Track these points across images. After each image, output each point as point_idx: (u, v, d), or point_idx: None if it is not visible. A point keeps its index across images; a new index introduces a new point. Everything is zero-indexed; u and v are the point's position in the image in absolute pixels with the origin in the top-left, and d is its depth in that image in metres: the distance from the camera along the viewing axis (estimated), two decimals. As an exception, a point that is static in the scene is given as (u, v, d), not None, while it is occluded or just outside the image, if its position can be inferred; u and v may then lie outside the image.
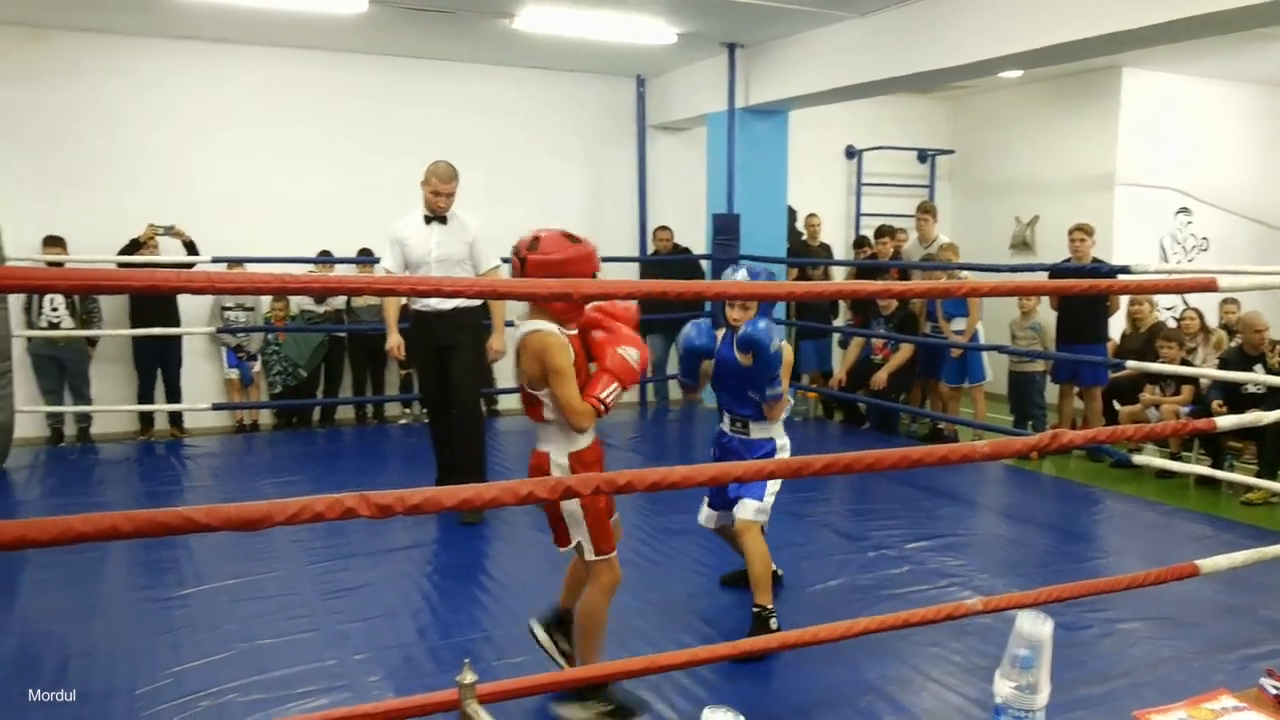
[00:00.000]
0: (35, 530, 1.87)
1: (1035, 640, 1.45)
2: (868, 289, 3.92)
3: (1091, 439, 3.17)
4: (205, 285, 1.98)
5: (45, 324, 7.08)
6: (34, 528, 1.88)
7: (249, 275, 2.10)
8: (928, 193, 10.73)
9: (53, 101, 7.58)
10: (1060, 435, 2.92)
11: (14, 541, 1.85)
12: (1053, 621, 1.53)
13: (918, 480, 6.34)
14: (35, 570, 4.54)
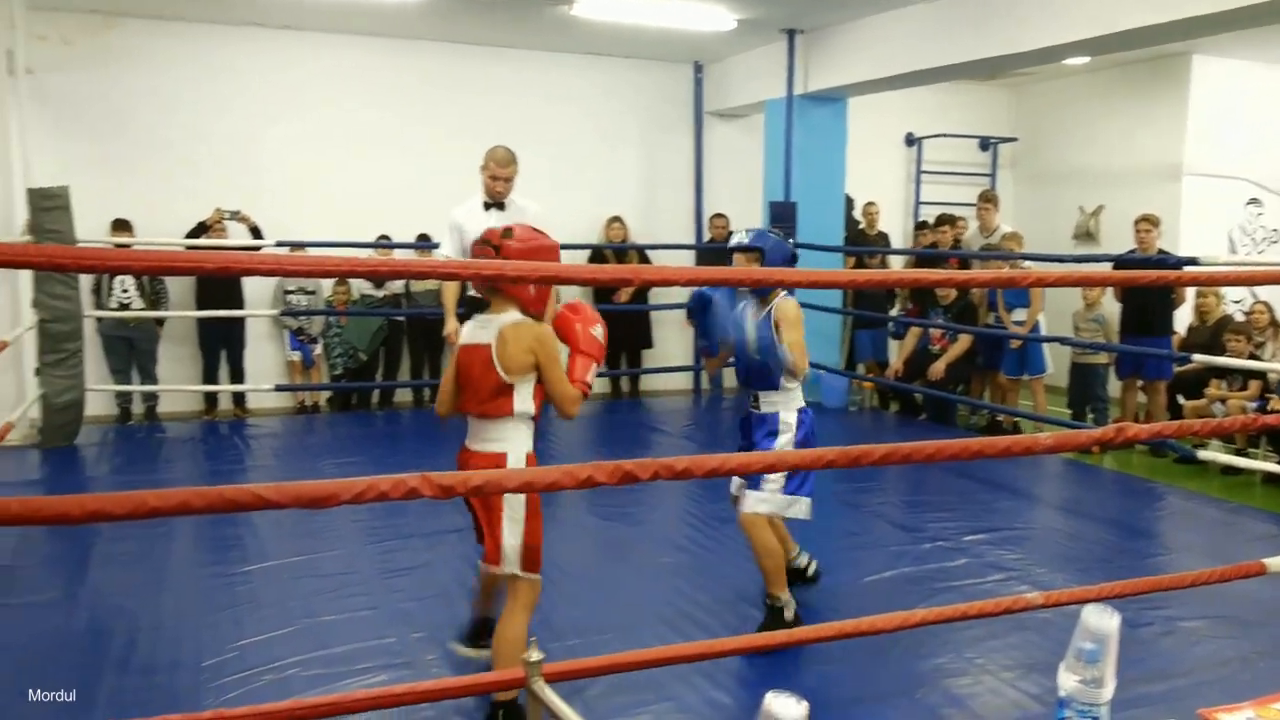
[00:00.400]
0: (112, 504, 1.93)
1: (1102, 634, 1.44)
2: (930, 278, 3.88)
3: (1157, 433, 3.11)
4: (275, 267, 2.02)
5: (115, 305, 7.26)
6: (110, 502, 1.93)
7: (316, 258, 2.13)
8: (989, 181, 10.57)
9: (123, 87, 7.75)
10: (1125, 429, 2.87)
11: (91, 515, 1.91)
12: (1119, 616, 1.51)
13: (975, 472, 6.26)
14: (105, 545, 4.66)
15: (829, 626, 2.76)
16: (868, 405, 8.66)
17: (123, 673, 3.36)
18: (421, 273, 2.47)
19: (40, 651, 3.52)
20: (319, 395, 8.32)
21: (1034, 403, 7.68)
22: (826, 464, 2.39)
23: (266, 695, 3.16)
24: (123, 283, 7.27)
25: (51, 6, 7.38)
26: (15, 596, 4.07)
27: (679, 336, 9.50)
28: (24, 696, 3.15)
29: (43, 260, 1.83)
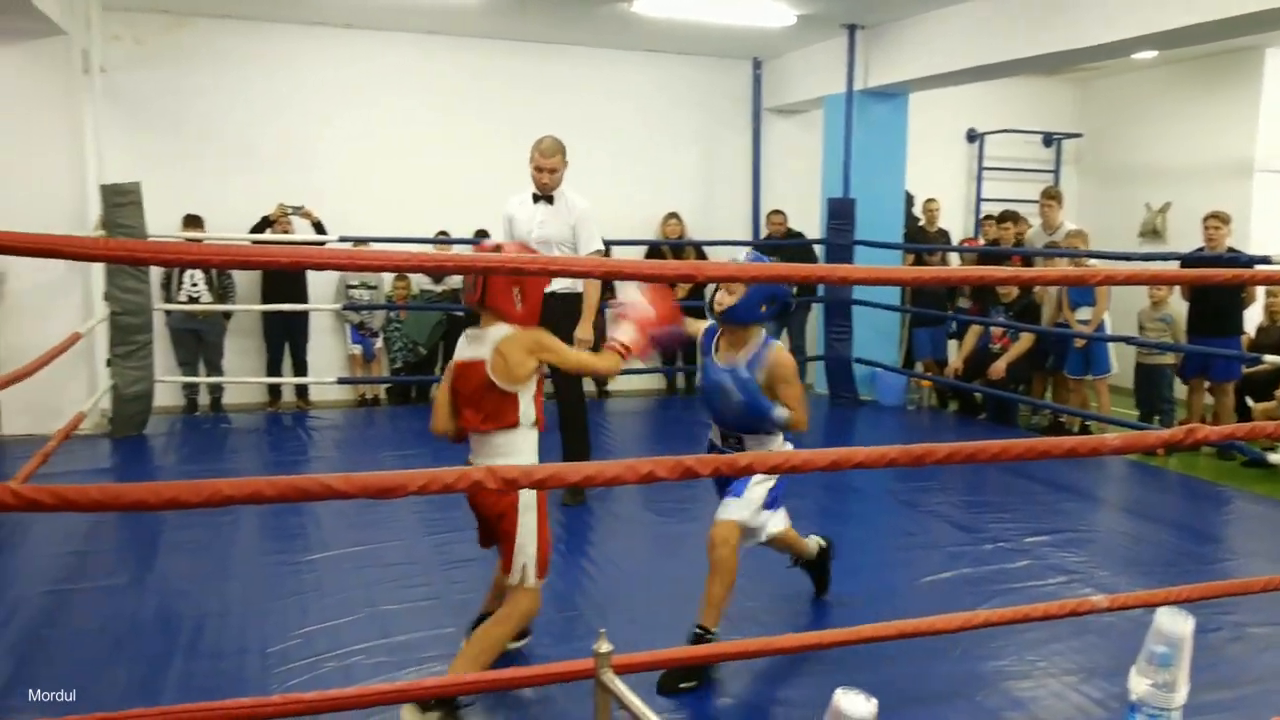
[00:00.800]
0: (187, 492, 1.98)
1: (1175, 638, 1.41)
2: (996, 275, 3.82)
3: (1229, 435, 3.05)
4: (345, 261, 2.06)
5: (184, 298, 7.43)
6: (186, 490, 1.98)
7: (384, 254, 2.18)
8: (1052, 178, 10.41)
9: (192, 85, 7.93)
10: (1196, 430, 2.81)
11: (168, 502, 1.96)
12: (1194, 619, 1.49)
13: (1036, 473, 6.18)
14: (172, 532, 4.77)
15: (890, 626, 2.75)
16: (926, 404, 8.58)
17: (191, 657, 3.44)
18: (485, 268, 2.50)
19: (113, 635, 3.62)
20: (379, 388, 8.44)
21: (1098, 403, 7.54)
22: (889, 462, 2.38)
23: (331, 681, 3.23)
24: (192, 277, 7.43)
25: (124, 6, 7.57)
26: (89, 581, 4.19)
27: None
28: (102, 677, 3.25)
29: (122, 254, 1.88)
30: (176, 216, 7.55)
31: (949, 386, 8.34)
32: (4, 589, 4.04)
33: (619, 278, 2.37)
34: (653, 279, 2.96)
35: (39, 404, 6.31)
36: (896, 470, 5.85)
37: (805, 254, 8.90)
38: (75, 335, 5.71)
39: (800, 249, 8.88)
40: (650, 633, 3.57)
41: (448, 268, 2.23)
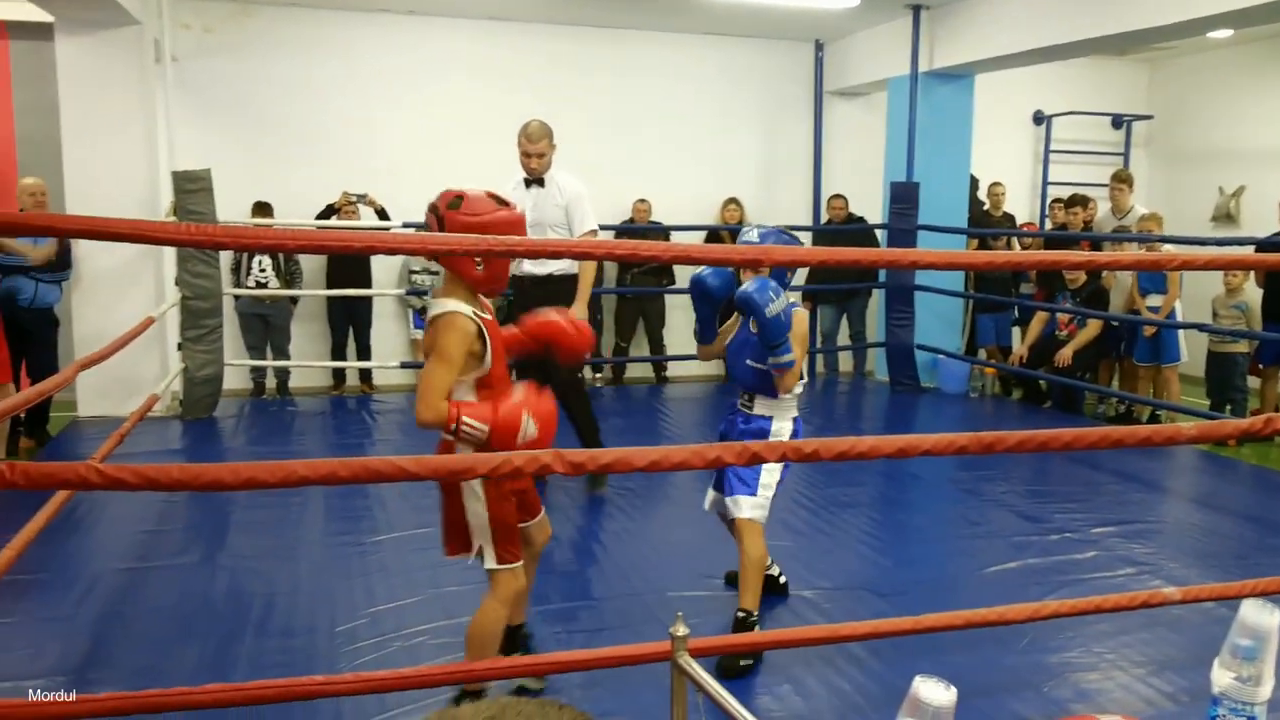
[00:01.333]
0: (264, 473, 2.02)
1: (1261, 630, 1.38)
2: (1070, 260, 3.75)
3: (1309, 425, 2.96)
4: (418, 246, 2.08)
5: (253, 284, 7.56)
6: (263, 470, 2.02)
7: (453, 237, 2.18)
8: (1122, 160, 10.18)
9: (259, 73, 8.05)
10: (1275, 420, 2.74)
11: (246, 482, 2.00)
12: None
13: (1103, 463, 6.06)
14: (241, 513, 4.88)
15: (958, 615, 2.72)
16: (989, 391, 8.45)
17: (262, 634, 3.52)
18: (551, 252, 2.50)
19: (186, 612, 3.71)
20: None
21: (1167, 392, 7.38)
22: (958, 450, 2.35)
23: (398, 661, 3.28)
24: (260, 263, 7.56)
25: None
26: (162, 559, 4.30)
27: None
28: (176, 653, 3.33)
29: (203, 239, 1.92)
30: (244, 203, 7.68)
31: (1013, 374, 8.22)
32: (82, 566, 4.16)
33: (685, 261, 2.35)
34: (721, 262, 2.94)
35: (113, 386, 6.48)
36: (959, 458, 5.78)
37: (866, 239, 8.82)
38: (149, 319, 5.85)
39: (861, 234, 8.80)
40: (718, 619, 3.59)
41: (519, 251, 2.24)
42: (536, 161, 5.03)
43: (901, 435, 2.37)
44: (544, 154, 5.03)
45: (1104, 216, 8.14)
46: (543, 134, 5.02)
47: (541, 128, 5.04)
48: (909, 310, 8.37)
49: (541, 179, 5.08)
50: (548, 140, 5.04)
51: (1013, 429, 2.44)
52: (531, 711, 1.09)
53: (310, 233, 1.91)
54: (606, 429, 5.82)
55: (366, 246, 2.00)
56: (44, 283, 6.34)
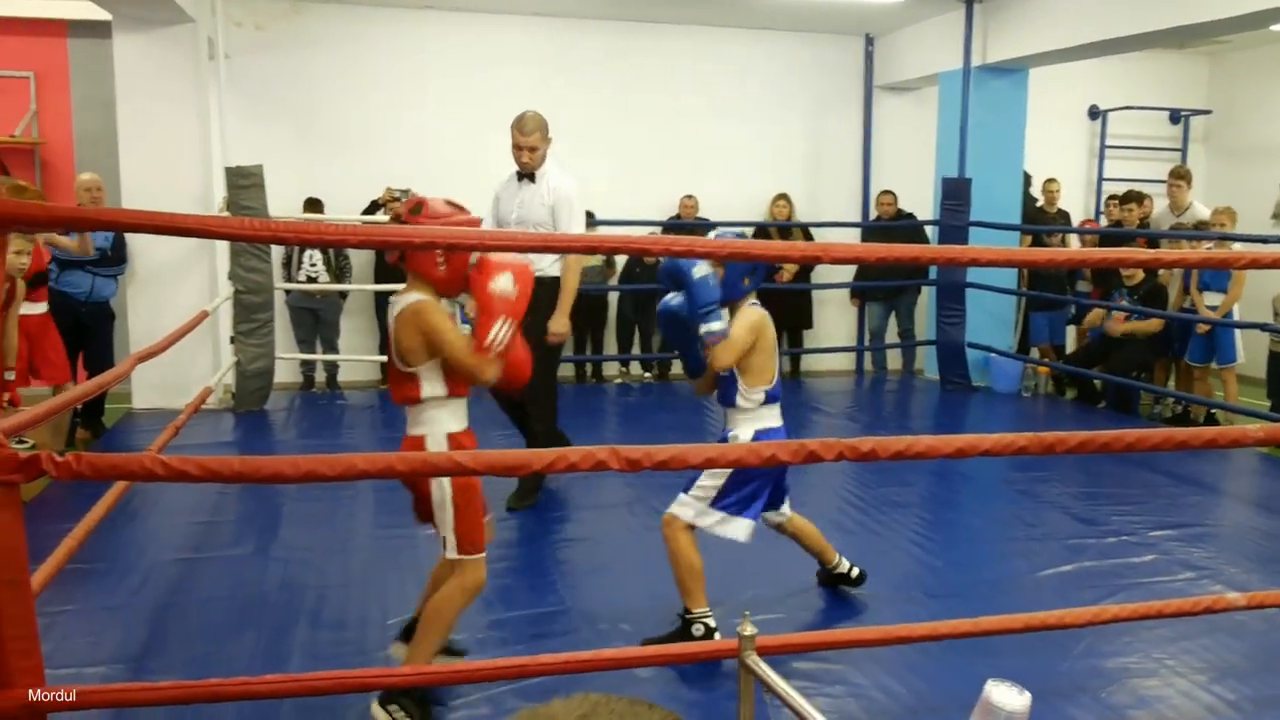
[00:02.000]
0: (324, 466, 2.03)
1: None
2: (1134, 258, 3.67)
3: (1383, 428, 2.87)
4: (476, 242, 2.08)
5: (304, 278, 7.64)
6: (322, 463, 2.03)
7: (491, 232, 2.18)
8: (1179, 156, 9.98)
9: (309, 70, 8.13)
10: (1349, 422, 2.66)
11: (306, 475, 2.01)
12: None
13: (1159, 464, 5.94)
14: (293, 505, 4.93)
15: (1017, 618, 2.67)
16: (1042, 391, 8.32)
17: (315, 626, 3.55)
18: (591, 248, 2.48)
19: (240, 602, 3.75)
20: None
21: (1225, 393, 7.21)
22: (1018, 450, 2.30)
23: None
24: (311, 257, 7.63)
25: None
26: (216, 550, 4.35)
27: (840, 317, 9.37)
28: (231, 643, 3.37)
29: (266, 234, 1.93)
30: (294, 198, 7.77)
31: (1067, 373, 8.09)
32: (138, 556, 4.22)
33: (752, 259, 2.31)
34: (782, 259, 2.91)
35: (167, 379, 6.58)
36: (1012, 459, 5.70)
37: (915, 235, 8.72)
38: (203, 313, 5.93)
39: (910, 230, 8.70)
40: (772, 617, 3.56)
41: (557, 247, 2.23)
42: (528, 155, 4.81)
43: (959, 435, 2.33)
44: (536, 148, 4.80)
45: (1161, 213, 7.98)
46: (536, 126, 4.81)
47: (536, 119, 4.83)
48: (960, 308, 8.26)
49: (533, 175, 4.87)
50: (541, 134, 4.82)
51: (1067, 429, 2.39)
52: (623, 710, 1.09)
53: (368, 229, 1.92)
54: (652, 424, 5.82)
55: (427, 242, 2.00)
56: (100, 277, 6.44)
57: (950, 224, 8.06)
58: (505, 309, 2.72)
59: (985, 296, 8.29)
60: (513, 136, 4.81)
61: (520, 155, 4.82)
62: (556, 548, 4.45)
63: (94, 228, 2.02)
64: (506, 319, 2.73)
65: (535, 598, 3.85)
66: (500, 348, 2.72)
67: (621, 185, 8.68)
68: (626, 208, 8.44)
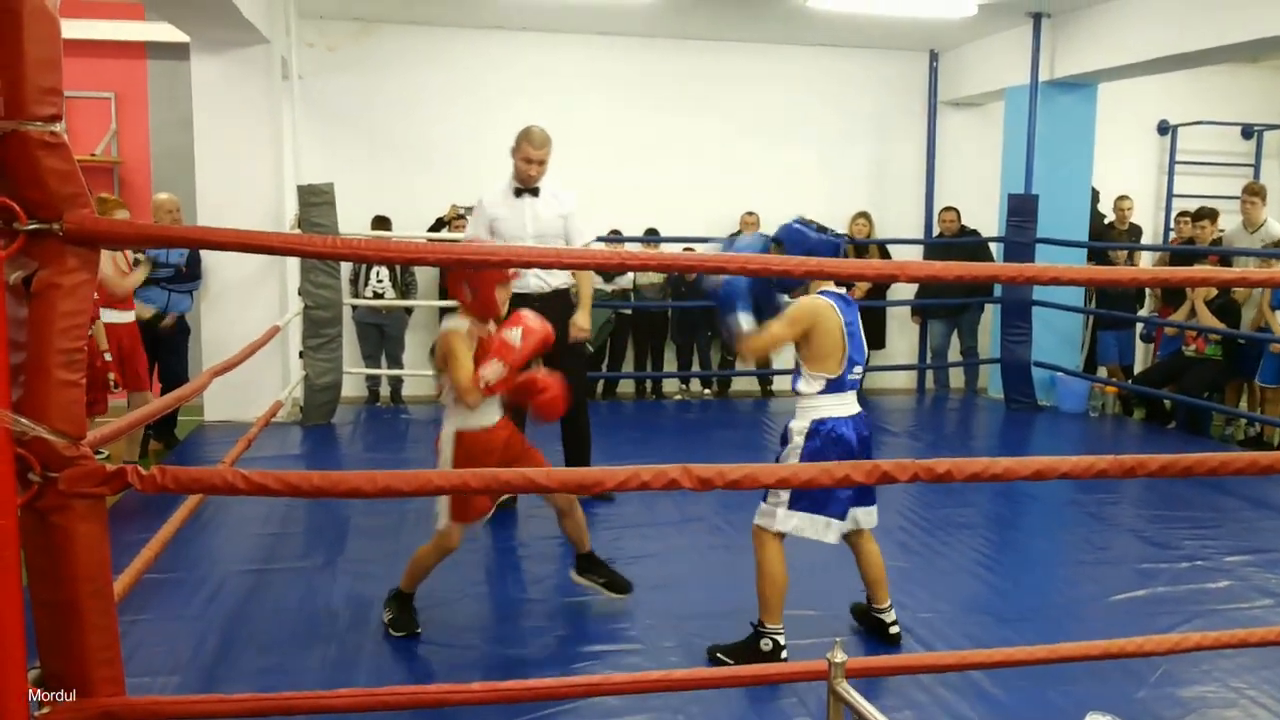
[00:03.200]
0: (399, 481, 2.06)
1: None
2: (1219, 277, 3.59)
3: None
4: (535, 259, 2.10)
5: (370, 294, 7.76)
6: (398, 479, 2.06)
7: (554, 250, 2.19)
8: (1251, 172, 9.76)
9: (379, 89, 8.29)
10: None
11: (383, 490, 2.04)
12: None
13: (1235, 488, 5.79)
14: (360, 518, 4.99)
15: (1093, 645, 2.61)
16: (1110, 411, 8.16)
17: (384, 639, 3.59)
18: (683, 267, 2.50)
19: (309, 615, 3.81)
20: (547, 383, 8.61)
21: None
22: (1098, 474, 2.27)
23: (518, 671, 3.30)
24: (378, 273, 7.76)
25: (318, 14, 7.98)
26: (285, 562, 4.42)
27: (903, 333, 9.29)
28: (300, 655, 3.42)
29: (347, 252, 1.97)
30: (363, 215, 7.91)
31: (1136, 393, 7.92)
32: (211, 567, 4.30)
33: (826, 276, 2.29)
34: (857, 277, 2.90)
35: (238, 392, 6.69)
36: (1079, 481, 5.59)
37: (978, 252, 8.61)
38: (274, 328, 6.05)
39: (972, 247, 8.60)
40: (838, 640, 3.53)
41: (633, 265, 2.24)
42: (538, 170, 4.86)
43: (1037, 457, 2.30)
44: (545, 161, 4.88)
45: (1235, 230, 7.80)
46: (547, 140, 4.87)
47: (545, 135, 4.87)
48: (1026, 326, 8.13)
49: (536, 189, 4.91)
50: (549, 148, 4.90)
51: (1136, 450, 2.34)
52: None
53: (436, 246, 1.95)
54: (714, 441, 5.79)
55: (503, 260, 2.03)
56: (176, 293, 6.61)
57: (1016, 240, 7.95)
58: (504, 355, 3.27)
59: (1052, 314, 8.16)
60: (524, 151, 4.82)
61: (530, 169, 4.84)
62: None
63: (179, 245, 2.08)
64: (503, 364, 3.27)
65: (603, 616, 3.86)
66: (489, 383, 3.29)
67: (685, 202, 8.71)
68: (690, 224, 8.46)
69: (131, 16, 7.78)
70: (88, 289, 2.00)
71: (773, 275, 2.27)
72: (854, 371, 3.37)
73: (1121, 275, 2.65)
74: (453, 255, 2.10)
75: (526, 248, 2.39)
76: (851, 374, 3.37)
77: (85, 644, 2.08)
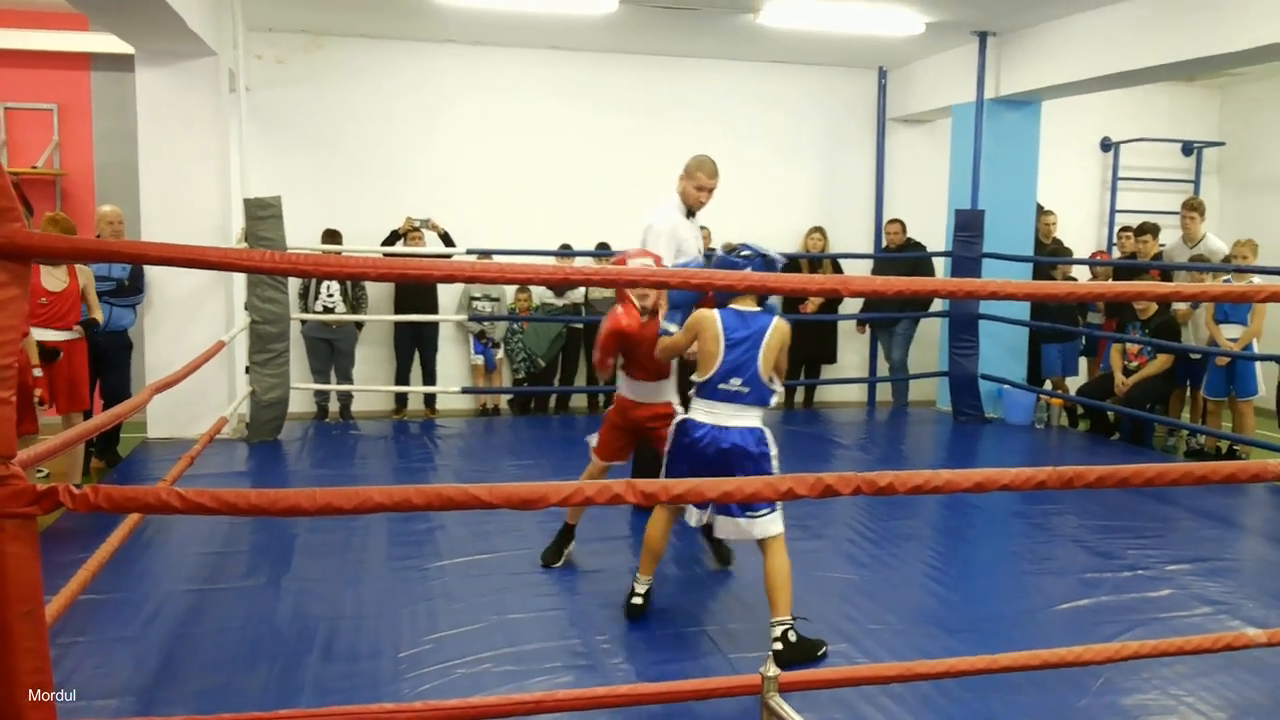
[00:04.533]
0: (340, 499, 2.03)
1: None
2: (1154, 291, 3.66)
3: (1404, 464, 2.85)
4: (497, 275, 2.09)
5: (320, 308, 7.68)
6: (339, 496, 2.03)
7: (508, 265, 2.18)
8: (1192, 188, 9.98)
9: (328, 102, 8.23)
10: (1368, 458, 2.65)
11: (322, 508, 2.02)
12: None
13: (1175, 498, 5.90)
14: (306, 536, 4.91)
15: (1035, 655, 2.65)
16: (1055, 423, 8.28)
17: (327, 659, 3.53)
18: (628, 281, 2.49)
19: (252, 634, 3.74)
20: (500, 398, 8.58)
21: (1241, 426, 7.16)
22: (1038, 485, 2.30)
23: (464, 688, 3.27)
24: (328, 288, 7.68)
25: (267, 26, 7.91)
26: (228, 581, 4.35)
27: (854, 347, 9.37)
28: (242, 676, 3.36)
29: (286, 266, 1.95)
30: (313, 229, 7.83)
31: (1080, 405, 8.05)
32: (152, 587, 4.22)
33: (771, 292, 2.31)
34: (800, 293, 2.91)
35: (182, 408, 6.60)
36: (1025, 493, 5.67)
37: (918, 266, 8.72)
38: (219, 343, 5.95)
39: (916, 261, 8.70)
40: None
41: (572, 279, 2.24)
42: (708, 196, 5.01)
43: (978, 469, 2.32)
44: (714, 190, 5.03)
45: (1175, 245, 7.97)
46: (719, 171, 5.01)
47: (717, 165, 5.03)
48: (973, 339, 8.25)
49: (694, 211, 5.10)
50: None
51: (1080, 462, 2.39)
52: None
53: (385, 260, 1.93)
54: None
55: (446, 275, 2.02)
56: (118, 307, 6.49)
57: (963, 255, 8.07)
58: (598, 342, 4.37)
59: (998, 328, 8.28)
60: (700, 180, 4.94)
61: (703, 197, 5.00)
62: (573, 582, 4.43)
63: (118, 259, 2.05)
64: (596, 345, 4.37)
65: (548, 632, 3.83)
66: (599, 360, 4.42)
67: (637, 216, 8.69)
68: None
69: (75, 27, 7.65)
70: (19, 304, 1.96)
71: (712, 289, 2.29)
72: (729, 383, 3.58)
73: (1058, 289, 2.69)
74: (395, 270, 2.09)
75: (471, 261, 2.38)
76: (725, 384, 3.58)
77: (14, 668, 2.03)
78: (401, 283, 7.71)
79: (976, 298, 7.22)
